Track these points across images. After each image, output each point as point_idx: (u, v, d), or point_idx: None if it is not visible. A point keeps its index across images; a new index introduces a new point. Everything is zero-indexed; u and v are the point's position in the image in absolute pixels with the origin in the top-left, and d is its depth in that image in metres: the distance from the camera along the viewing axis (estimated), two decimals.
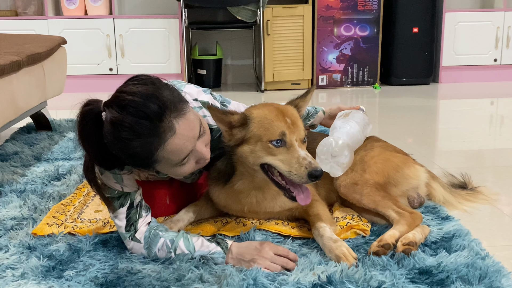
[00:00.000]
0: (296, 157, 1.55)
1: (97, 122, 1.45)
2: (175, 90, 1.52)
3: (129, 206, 1.60)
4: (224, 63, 5.48)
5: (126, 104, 1.41)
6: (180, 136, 1.46)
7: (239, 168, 1.69)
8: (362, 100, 4.56)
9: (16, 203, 2.02)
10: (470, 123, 3.60)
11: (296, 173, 1.53)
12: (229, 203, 1.80)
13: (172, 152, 1.48)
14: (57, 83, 3.21)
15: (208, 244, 1.58)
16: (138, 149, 1.44)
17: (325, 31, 5.02)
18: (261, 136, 1.58)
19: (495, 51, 5.27)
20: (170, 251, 1.58)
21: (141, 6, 5.43)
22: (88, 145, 1.48)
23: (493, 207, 2.01)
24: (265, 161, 1.59)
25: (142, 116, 1.41)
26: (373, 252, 1.56)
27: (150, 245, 1.59)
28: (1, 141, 3.03)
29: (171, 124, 1.44)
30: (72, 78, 4.82)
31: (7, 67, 2.34)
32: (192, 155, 1.53)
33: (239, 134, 1.62)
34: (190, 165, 1.55)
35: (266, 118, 1.60)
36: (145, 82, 1.47)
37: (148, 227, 1.61)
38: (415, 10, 5.03)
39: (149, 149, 1.45)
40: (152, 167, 1.54)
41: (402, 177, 1.87)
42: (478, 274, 1.42)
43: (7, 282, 1.45)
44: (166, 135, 1.44)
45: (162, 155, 1.48)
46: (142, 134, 1.42)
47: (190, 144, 1.50)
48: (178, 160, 1.51)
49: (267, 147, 1.57)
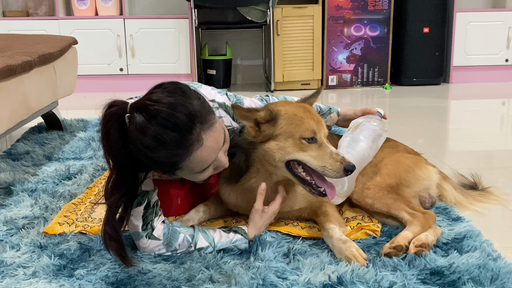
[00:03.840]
0: (328, 153, 1.60)
1: (123, 125, 1.44)
2: (204, 99, 1.51)
3: (146, 205, 1.59)
4: (234, 63, 5.49)
5: (156, 113, 1.40)
6: (206, 148, 1.48)
7: (256, 166, 1.70)
8: (372, 100, 4.55)
9: (27, 202, 2.04)
10: (481, 124, 3.57)
11: (331, 168, 1.58)
12: (239, 202, 1.80)
13: (197, 162, 1.49)
14: (68, 83, 3.23)
15: (227, 234, 1.62)
16: (163, 158, 1.45)
17: (335, 31, 5.01)
18: (293, 132, 1.61)
19: (507, 51, 5.23)
20: (191, 246, 1.60)
21: (152, 7, 5.45)
22: (112, 148, 1.46)
23: (504, 208, 1.99)
24: (295, 157, 1.61)
25: (171, 128, 1.41)
26: (384, 253, 1.56)
27: (170, 241, 1.59)
28: (13, 141, 3.05)
29: (200, 136, 1.45)
30: (82, 78, 4.85)
31: (18, 67, 2.36)
32: (212, 164, 1.55)
33: (268, 130, 1.63)
34: (209, 172, 1.57)
35: (296, 115, 1.63)
36: (175, 91, 1.46)
37: (166, 224, 1.62)
38: (426, 10, 5.00)
39: (175, 160, 1.46)
40: (174, 174, 1.55)
41: (414, 178, 1.86)
42: (490, 275, 1.41)
43: (18, 281, 1.46)
44: (193, 147, 1.45)
45: (186, 165, 1.49)
46: (169, 145, 1.42)
47: (215, 155, 1.52)
48: (201, 169, 1.53)
49: (299, 143, 1.61)
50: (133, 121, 1.42)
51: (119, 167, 1.48)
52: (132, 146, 1.44)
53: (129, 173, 1.49)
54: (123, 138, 1.44)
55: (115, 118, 1.44)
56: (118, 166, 1.48)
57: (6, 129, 2.30)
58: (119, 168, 1.48)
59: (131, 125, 1.43)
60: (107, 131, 1.44)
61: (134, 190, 1.53)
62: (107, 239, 1.50)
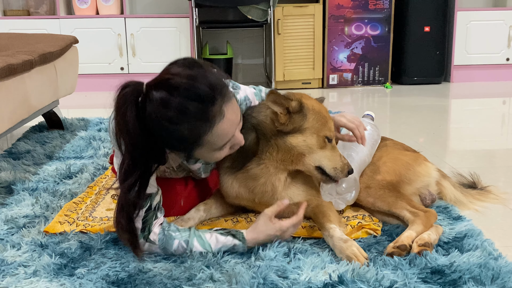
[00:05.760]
0: (339, 155, 1.69)
1: (138, 106, 1.41)
2: (220, 72, 1.50)
3: (148, 208, 1.58)
4: (235, 62, 5.49)
5: (177, 86, 1.39)
6: (227, 121, 1.47)
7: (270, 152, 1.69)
8: (373, 99, 4.54)
9: (28, 201, 2.04)
10: (482, 123, 3.57)
11: (341, 170, 1.67)
12: (241, 191, 1.77)
13: (218, 136, 1.47)
14: (69, 82, 3.23)
15: (224, 239, 1.58)
16: (186, 132, 1.42)
17: (336, 30, 5.01)
18: (319, 129, 1.65)
19: (508, 50, 5.23)
20: (186, 252, 1.58)
21: (152, 6, 5.45)
22: (129, 130, 1.40)
23: (505, 207, 1.99)
24: (314, 153, 1.66)
25: (194, 98, 1.39)
26: (388, 253, 1.55)
27: (165, 247, 1.58)
28: (14, 140, 3.05)
29: (221, 108, 1.44)
30: (83, 77, 4.85)
31: (19, 66, 2.36)
32: (230, 141, 1.53)
33: (298, 121, 1.65)
34: (226, 151, 1.56)
35: (321, 114, 1.68)
36: (192, 64, 1.45)
37: (161, 228, 1.60)
38: (427, 9, 5.00)
39: (198, 132, 1.44)
40: (192, 152, 1.52)
41: (414, 174, 1.86)
42: (491, 274, 1.41)
43: (19, 280, 1.46)
44: (215, 119, 1.44)
45: (208, 139, 1.47)
46: (193, 117, 1.40)
47: (234, 129, 1.51)
48: (220, 145, 1.51)
49: (321, 141, 1.66)
50: (152, 97, 1.39)
51: (134, 149, 1.43)
52: (152, 123, 1.40)
53: (144, 155, 1.45)
54: (139, 118, 1.41)
55: (132, 98, 1.40)
56: (134, 148, 1.43)
57: (7, 128, 2.30)
58: (134, 150, 1.43)
59: (149, 102, 1.39)
60: (124, 112, 1.40)
61: (147, 175, 1.49)
62: (120, 228, 1.49)
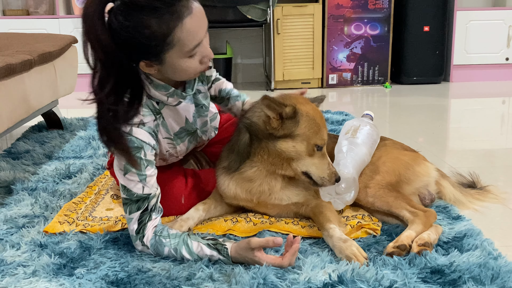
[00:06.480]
0: (327, 163, 1.68)
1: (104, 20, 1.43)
2: None
3: (144, 209, 1.58)
4: (234, 62, 5.49)
5: None
6: (195, 18, 1.49)
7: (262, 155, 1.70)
8: (372, 99, 4.54)
9: (27, 201, 2.04)
10: (481, 122, 3.57)
11: (329, 179, 1.66)
12: (238, 192, 1.78)
13: (188, 32, 1.48)
14: (68, 82, 3.23)
15: (209, 252, 1.53)
16: (155, 26, 1.44)
17: (335, 29, 5.01)
18: (310, 137, 1.64)
19: (507, 50, 5.23)
20: (176, 258, 1.57)
21: None
22: (100, 50, 1.43)
23: (505, 207, 1.99)
24: (303, 159, 1.66)
25: None
26: (388, 253, 1.55)
27: (157, 253, 1.59)
28: (13, 140, 3.05)
29: (188, 4, 1.47)
30: (83, 77, 4.83)
31: (18, 66, 2.35)
32: (199, 49, 1.54)
33: (289, 127, 1.64)
34: (196, 61, 1.56)
35: (315, 121, 1.66)
36: None
37: (154, 234, 1.59)
38: (426, 9, 5.00)
39: (167, 26, 1.45)
40: (163, 55, 1.51)
41: (413, 174, 1.86)
42: (491, 274, 1.41)
43: (18, 280, 1.46)
44: (183, 12, 1.46)
45: (178, 36, 1.47)
46: (159, 7, 1.42)
47: (203, 31, 1.53)
48: (191, 47, 1.51)
49: (311, 149, 1.65)
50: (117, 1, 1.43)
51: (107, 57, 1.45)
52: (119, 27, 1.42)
53: (116, 63, 1.48)
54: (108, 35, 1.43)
55: (97, 10, 1.42)
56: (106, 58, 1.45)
57: (6, 128, 2.29)
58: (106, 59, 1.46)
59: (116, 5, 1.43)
60: (89, 28, 1.42)
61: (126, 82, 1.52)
62: (103, 133, 1.52)
